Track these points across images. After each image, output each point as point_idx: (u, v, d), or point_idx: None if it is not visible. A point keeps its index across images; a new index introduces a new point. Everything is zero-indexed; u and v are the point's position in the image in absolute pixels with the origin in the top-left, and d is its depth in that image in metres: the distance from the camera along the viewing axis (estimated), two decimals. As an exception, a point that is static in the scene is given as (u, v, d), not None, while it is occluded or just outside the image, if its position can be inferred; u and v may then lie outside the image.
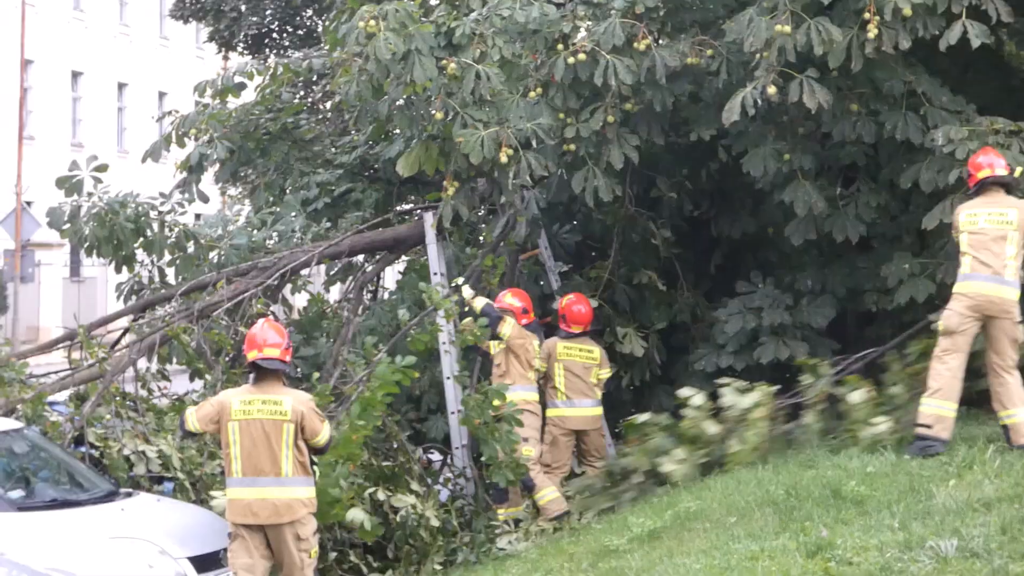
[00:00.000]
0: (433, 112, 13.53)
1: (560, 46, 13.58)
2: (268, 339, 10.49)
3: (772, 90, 12.63)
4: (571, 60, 13.40)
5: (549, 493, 13.29)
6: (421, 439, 14.92)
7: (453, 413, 13.81)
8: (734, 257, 15.62)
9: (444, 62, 13.25)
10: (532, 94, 13.76)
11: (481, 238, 17.12)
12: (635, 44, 13.41)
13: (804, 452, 11.80)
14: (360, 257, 16.50)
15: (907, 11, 12.33)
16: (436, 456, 15.19)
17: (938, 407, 11.13)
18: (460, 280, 13.93)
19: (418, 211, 15.55)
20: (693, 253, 15.76)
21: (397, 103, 13.98)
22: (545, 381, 13.95)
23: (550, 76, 13.65)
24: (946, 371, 11.19)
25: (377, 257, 16.23)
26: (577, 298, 14.18)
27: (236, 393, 10.58)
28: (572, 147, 13.80)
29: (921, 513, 9.23)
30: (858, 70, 12.75)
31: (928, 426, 11.06)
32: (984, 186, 11.66)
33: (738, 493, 10.73)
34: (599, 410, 14.05)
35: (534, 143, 13.50)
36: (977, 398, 11.94)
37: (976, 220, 11.50)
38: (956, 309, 11.32)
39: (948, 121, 13.11)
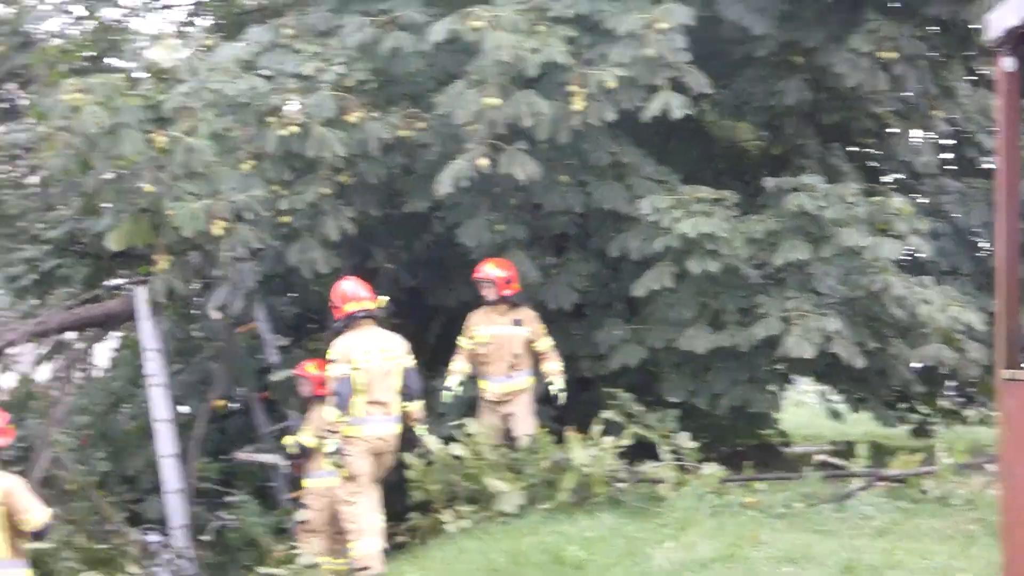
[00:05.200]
0: (143, 185, 13.28)
1: (271, 118, 13.50)
2: None
3: (483, 162, 12.80)
4: (283, 132, 13.33)
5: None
6: (138, 520, 14.54)
7: (171, 492, 13.51)
8: (452, 326, 15.69)
9: (153, 135, 13.04)
10: (244, 166, 13.63)
11: (196, 312, 16.83)
12: (346, 117, 13.42)
13: (524, 517, 11.88)
14: (71, 334, 16.03)
15: (611, 84, 12.66)
16: (154, 537, 14.81)
17: (373, 545, 11.45)
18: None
19: (129, 286, 15.21)
20: (412, 323, 15.76)
21: (105, 177, 13.69)
22: None
23: (262, 148, 13.56)
24: (363, 511, 11.51)
25: (88, 334, 15.79)
26: None
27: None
28: (287, 219, 13.72)
29: (639, 575, 9.38)
30: (566, 142, 13.02)
31: (368, 567, 11.37)
32: (356, 320, 11.79)
33: (460, 562, 10.73)
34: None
35: (248, 215, 13.36)
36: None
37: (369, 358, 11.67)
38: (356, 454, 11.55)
39: (654, 191, 13.49)
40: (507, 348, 13.07)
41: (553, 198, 13.84)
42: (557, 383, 12.99)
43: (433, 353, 15.56)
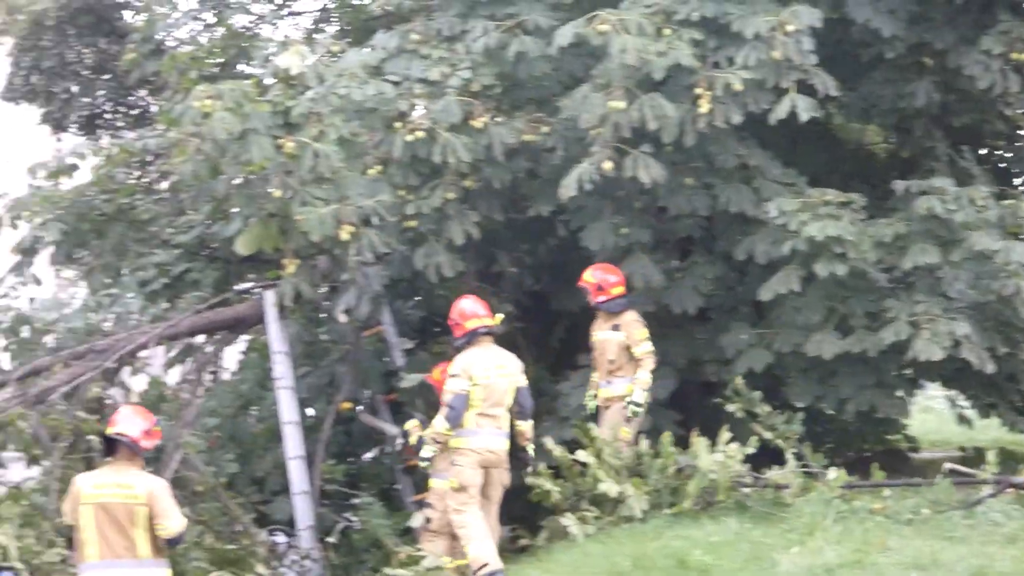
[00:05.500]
0: (271, 190, 13.44)
1: (398, 124, 13.61)
2: (121, 419, 10.37)
3: (608, 165, 12.81)
4: (409, 138, 13.45)
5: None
6: (265, 521, 14.70)
7: (298, 494, 13.64)
8: (576, 330, 15.70)
9: (281, 141, 13.19)
10: (371, 171, 13.76)
11: (323, 315, 17.00)
12: (472, 122, 13.51)
13: (648, 522, 11.85)
14: (200, 337, 16.25)
15: (738, 86, 12.62)
16: (281, 538, 14.96)
17: (486, 548, 11.49)
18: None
19: (258, 289, 15.39)
20: (536, 327, 15.82)
21: (235, 182, 13.87)
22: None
23: (389, 153, 13.67)
24: (472, 519, 11.60)
25: (217, 337, 15.99)
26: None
27: (90, 475, 10.40)
28: (413, 224, 13.83)
29: (765, 581, 9.34)
30: (691, 144, 12.98)
31: (486, 564, 11.39)
32: (477, 336, 11.94)
33: (584, 565, 10.73)
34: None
35: (375, 220, 13.48)
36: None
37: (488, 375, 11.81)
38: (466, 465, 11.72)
39: (780, 193, 13.41)
40: (605, 353, 13.16)
41: (678, 201, 13.80)
42: (634, 395, 12.87)
43: (557, 357, 15.61)
